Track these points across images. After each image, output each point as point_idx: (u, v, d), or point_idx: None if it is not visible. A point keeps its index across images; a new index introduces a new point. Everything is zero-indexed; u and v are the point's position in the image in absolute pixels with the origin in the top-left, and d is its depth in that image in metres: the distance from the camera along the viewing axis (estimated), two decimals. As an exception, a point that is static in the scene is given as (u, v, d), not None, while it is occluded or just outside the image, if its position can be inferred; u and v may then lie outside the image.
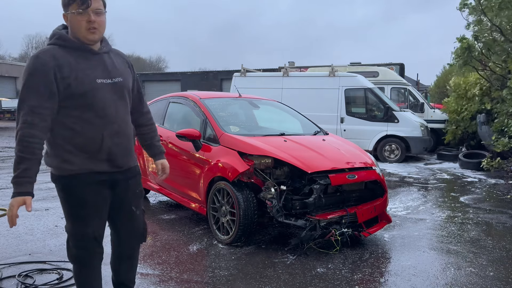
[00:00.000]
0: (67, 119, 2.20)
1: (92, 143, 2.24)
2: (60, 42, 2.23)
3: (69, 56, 2.19)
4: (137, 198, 2.51)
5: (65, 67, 2.15)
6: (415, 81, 25.80)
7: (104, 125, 2.25)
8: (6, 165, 9.56)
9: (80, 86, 2.17)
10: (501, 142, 8.40)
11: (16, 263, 3.68)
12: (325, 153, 4.45)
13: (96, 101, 2.22)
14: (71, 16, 2.21)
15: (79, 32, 2.21)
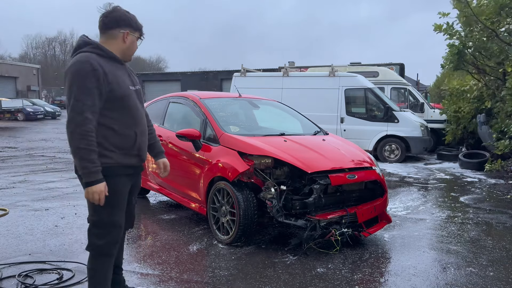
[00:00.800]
0: (107, 120, 2.48)
1: (127, 141, 2.55)
2: (98, 51, 2.51)
3: (108, 64, 2.50)
4: (135, 190, 2.82)
5: (109, 73, 2.46)
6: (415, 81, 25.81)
7: (135, 125, 2.59)
8: (6, 165, 9.56)
9: (120, 91, 2.50)
10: (501, 144, 8.40)
11: (16, 263, 3.68)
12: (325, 153, 4.45)
13: (130, 104, 2.56)
14: (133, 38, 2.63)
15: (131, 51, 2.67)
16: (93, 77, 2.38)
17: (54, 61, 69.57)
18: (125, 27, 2.57)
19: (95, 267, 2.63)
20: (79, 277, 3.40)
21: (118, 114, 2.51)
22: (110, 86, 2.45)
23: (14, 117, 26.94)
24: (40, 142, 14.99)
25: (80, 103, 2.34)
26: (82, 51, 2.50)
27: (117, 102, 2.50)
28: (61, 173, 8.45)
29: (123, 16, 2.57)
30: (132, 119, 2.57)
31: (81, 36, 2.64)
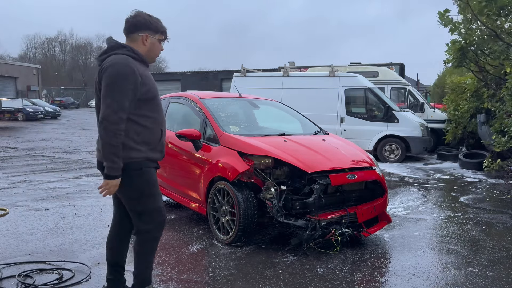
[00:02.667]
0: (141, 118, 2.66)
1: (156, 137, 2.75)
2: (131, 54, 2.66)
3: (140, 66, 2.67)
4: None
5: (143, 76, 2.64)
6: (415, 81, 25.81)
7: (162, 123, 2.80)
8: (6, 165, 9.55)
9: (153, 91, 2.72)
10: (500, 141, 8.40)
11: (16, 263, 3.68)
12: (325, 153, 4.44)
13: (158, 104, 2.78)
14: (154, 40, 2.75)
15: (154, 53, 2.80)
16: (131, 80, 2.56)
17: (54, 61, 69.56)
18: (144, 30, 2.70)
19: (143, 250, 2.83)
20: (79, 277, 3.40)
21: (151, 113, 2.71)
22: (146, 87, 2.64)
23: (14, 117, 26.92)
24: (40, 142, 14.98)
25: (116, 104, 2.52)
26: (118, 53, 2.63)
27: (151, 102, 2.70)
28: (61, 173, 8.45)
29: (142, 20, 2.70)
30: (161, 117, 2.79)
31: (109, 37, 2.77)
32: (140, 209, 2.76)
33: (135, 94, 2.59)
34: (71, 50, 70.80)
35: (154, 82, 2.78)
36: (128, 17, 2.72)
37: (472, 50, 9.91)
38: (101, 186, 2.58)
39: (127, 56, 2.62)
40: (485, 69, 10.61)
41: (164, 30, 2.78)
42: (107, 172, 2.55)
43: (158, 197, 2.81)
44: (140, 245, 2.84)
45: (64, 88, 57.85)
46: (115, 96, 2.52)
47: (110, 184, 2.56)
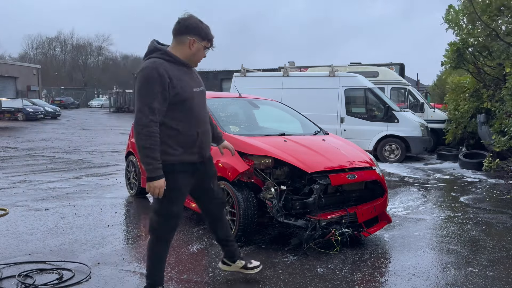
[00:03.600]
0: (172, 121, 2.73)
1: (190, 140, 2.80)
2: (166, 57, 2.75)
3: (174, 69, 2.74)
4: (213, 178, 3.13)
5: (174, 78, 2.69)
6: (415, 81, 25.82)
7: (198, 125, 2.83)
8: (6, 165, 9.55)
9: (184, 94, 2.73)
10: (499, 140, 8.41)
11: (16, 263, 3.68)
12: (325, 153, 4.44)
13: (193, 106, 2.80)
14: (200, 46, 2.81)
15: (197, 58, 2.86)
16: (159, 83, 2.62)
17: (54, 61, 69.54)
18: (193, 35, 2.77)
19: (153, 249, 2.90)
20: (79, 277, 3.40)
21: (182, 115, 2.75)
22: (174, 90, 2.68)
23: (14, 117, 26.92)
24: (40, 142, 14.98)
25: (146, 107, 2.61)
26: (152, 57, 2.74)
27: (181, 104, 2.74)
28: (61, 173, 8.45)
29: (193, 24, 2.77)
30: (195, 120, 2.81)
31: (152, 40, 2.85)
32: (156, 208, 2.84)
33: (165, 97, 2.66)
34: (71, 50, 70.79)
35: (189, 85, 2.78)
36: (180, 19, 2.79)
37: (469, 52, 9.92)
38: (148, 187, 2.67)
39: (158, 59, 2.71)
40: (483, 70, 10.62)
41: (211, 38, 2.84)
42: (147, 174, 2.63)
43: (176, 203, 2.84)
44: (149, 243, 2.92)
45: (64, 88, 57.86)
46: (144, 100, 2.63)
47: (152, 186, 2.64)
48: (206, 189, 3.11)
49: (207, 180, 3.08)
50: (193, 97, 2.80)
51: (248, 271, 3.40)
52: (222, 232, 3.28)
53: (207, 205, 3.19)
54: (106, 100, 49.89)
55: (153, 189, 2.65)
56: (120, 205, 5.96)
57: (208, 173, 3.07)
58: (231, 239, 3.34)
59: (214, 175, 3.17)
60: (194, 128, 2.81)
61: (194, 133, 2.81)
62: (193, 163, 2.85)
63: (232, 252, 3.35)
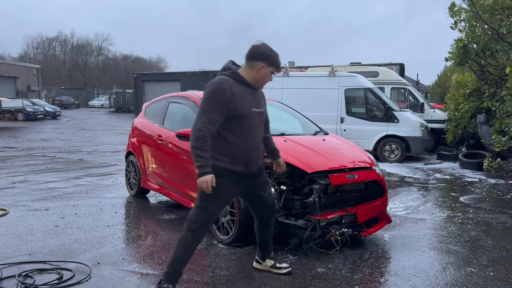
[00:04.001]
0: (226, 133, 3.04)
1: (237, 153, 3.08)
2: (234, 76, 3.09)
3: (239, 87, 3.06)
4: (263, 186, 3.40)
5: (236, 96, 3.00)
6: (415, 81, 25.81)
7: (247, 141, 3.11)
8: (6, 165, 9.56)
9: (241, 111, 3.03)
10: (500, 140, 8.40)
11: (16, 263, 3.68)
12: (325, 153, 4.44)
13: (247, 123, 3.09)
14: (267, 71, 3.11)
15: (263, 81, 3.16)
16: (221, 97, 2.96)
17: (54, 61, 69.54)
18: (261, 61, 3.07)
19: (183, 239, 3.14)
20: (79, 277, 3.40)
21: (236, 129, 3.05)
22: (234, 106, 2.98)
23: (14, 117, 26.93)
24: (40, 142, 14.99)
25: (205, 114, 2.95)
26: (223, 74, 3.10)
27: (237, 120, 3.03)
28: (61, 173, 8.46)
29: (264, 52, 3.08)
30: (246, 136, 3.09)
31: (229, 60, 3.20)
32: (197, 203, 3.11)
33: (223, 109, 2.96)
34: (71, 50, 70.79)
35: (249, 104, 3.07)
36: (253, 45, 3.11)
37: (474, 49, 9.90)
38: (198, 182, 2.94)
39: (226, 77, 3.06)
40: (486, 69, 10.61)
41: (279, 65, 3.14)
42: (197, 171, 2.94)
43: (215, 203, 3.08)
44: (182, 235, 3.17)
45: (64, 88, 57.88)
46: (205, 107, 2.97)
47: (200, 181, 2.93)
48: (257, 197, 3.39)
49: (257, 189, 3.37)
50: (250, 115, 3.08)
51: (277, 270, 3.57)
52: (266, 236, 3.55)
53: (258, 210, 3.46)
54: (106, 100, 49.92)
55: (201, 183, 2.93)
56: (120, 205, 5.96)
57: (258, 183, 3.35)
58: (271, 243, 3.60)
59: (265, 184, 3.43)
60: (244, 143, 3.08)
61: (242, 148, 3.09)
62: (237, 172, 3.11)
63: (264, 251, 3.60)
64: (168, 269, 3.11)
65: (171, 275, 3.09)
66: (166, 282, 3.07)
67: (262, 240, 3.56)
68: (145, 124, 6.21)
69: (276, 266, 3.59)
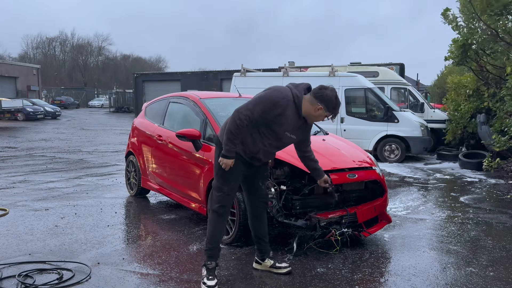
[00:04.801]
0: (254, 130, 3.30)
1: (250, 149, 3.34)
2: (295, 99, 3.27)
3: (292, 111, 3.26)
4: (263, 178, 3.62)
5: (283, 116, 3.23)
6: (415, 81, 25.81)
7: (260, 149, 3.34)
8: (6, 165, 9.56)
9: (274, 127, 3.27)
10: (499, 140, 8.40)
11: (16, 263, 3.68)
12: (325, 153, 4.44)
13: (274, 138, 3.33)
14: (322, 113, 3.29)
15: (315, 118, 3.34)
16: (272, 105, 3.19)
17: (54, 61, 69.52)
18: (322, 104, 3.25)
19: (210, 221, 3.45)
20: (79, 277, 3.40)
21: (263, 134, 3.30)
22: (273, 120, 3.22)
23: (14, 117, 26.92)
24: (40, 142, 14.99)
25: (250, 111, 3.19)
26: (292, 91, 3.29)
27: (269, 130, 3.28)
28: (61, 173, 8.46)
29: (327, 97, 3.26)
30: (265, 146, 3.34)
31: (307, 83, 3.42)
32: (215, 184, 3.41)
33: (267, 116, 3.20)
34: (71, 50, 70.79)
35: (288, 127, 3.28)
36: (322, 86, 3.33)
37: (473, 49, 9.90)
38: (220, 160, 3.25)
39: (291, 95, 3.26)
40: (486, 69, 10.60)
41: (335, 113, 3.33)
42: (224, 152, 3.22)
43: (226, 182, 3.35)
44: (209, 218, 3.47)
45: (64, 88, 57.88)
46: (255, 102, 3.21)
47: (223, 161, 3.24)
48: (255, 187, 3.56)
49: (257, 178, 3.56)
50: (280, 134, 3.30)
51: (277, 270, 3.58)
52: (259, 230, 3.64)
53: (253, 200, 3.60)
54: (106, 100, 49.92)
55: (222, 163, 3.24)
56: (120, 205, 5.96)
57: (261, 173, 3.57)
58: (266, 239, 3.66)
59: (265, 177, 3.65)
60: (256, 148, 3.32)
61: (255, 151, 3.34)
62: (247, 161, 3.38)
63: (262, 251, 3.64)
64: (207, 247, 3.39)
65: (210, 251, 3.36)
66: (208, 259, 3.34)
67: (257, 235, 3.64)
68: (145, 124, 6.21)
69: (276, 266, 3.60)
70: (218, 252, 3.40)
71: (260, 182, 3.58)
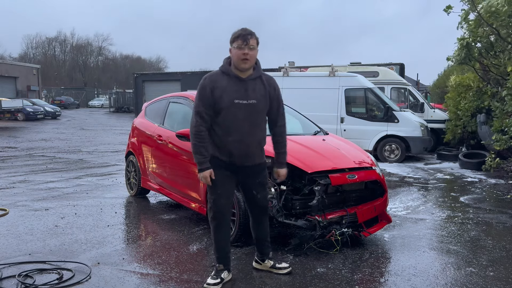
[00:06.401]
0: (215, 125, 3.16)
1: (222, 143, 3.17)
2: (222, 69, 3.18)
3: (225, 80, 3.13)
4: (257, 186, 3.36)
5: (217, 89, 3.09)
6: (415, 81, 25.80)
7: (229, 134, 3.14)
8: (6, 165, 9.56)
9: (221, 104, 3.09)
10: (500, 138, 8.40)
11: (16, 263, 3.68)
12: (325, 153, 4.44)
13: (227, 116, 3.12)
14: (233, 50, 3.10)
15: (236, 61, 3.10)
16: (204, 92, 3.11)
17: (54, 61, 69.52)
18: (230, 44, 3.16)
19: (211, 228, 3.37)
20: (79, 277, 3.40)
21: (219, 121, 3.13)
22: (214, 99, 3.09)
23: (14, 117, 26.93)
24: (40, 142, 14.99)
25: (195, 110, 3.12)
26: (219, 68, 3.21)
27: (220, 112, 3.11)
28: (61, 173, 8.46)
29: (231, 36, 3.14)
30: (227, 128, 3.14)
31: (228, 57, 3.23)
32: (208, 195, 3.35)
33: (209, 103, 3.10)
34: (71, 50, 70.78)
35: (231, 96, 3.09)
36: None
37: (477, 48, 9.89)
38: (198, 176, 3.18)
39: (216, 71, 3.19)
40: (488, 69, 10.60)
41: (237, 36, 3.07)
42: (197, 167, 3.16)
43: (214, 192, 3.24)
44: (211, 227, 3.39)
45: (64, 88, 57.88)
46: (195, 103, 3.16)
47: (199, 176, 3.18)
48: (249, 196, 3.41)
49: (251, 187, 3.36)
50: (230, 107, 3.09)
51: (277, 270, 3.56)
52: (259, 233, 3.57)
53: (250, 207, 3.50)
54: (106, 100, 49.92)
55: (201, 178, 3.17)
56: (120, 205, 5.96)
57: (253, 181, 3.34)
58: (267, 241, 3.58)
59: (260, 185, 3.38)
60: (226, 135, 3.14)
61: (225, 139, 3.15)
62: (226, 163, 3.20)
63: (262, 252, 3.60)
64: (215, 254, 3.39)
65: (218, 259, 3.36)
66: (216, 261, 3.37)
67: (257, 237, 3.59)
68: (145, 124, 6.21)
69: (276, 266, 3.58)
70: (227, 261, 3.39)
71: (254, 191, 3.37)
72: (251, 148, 3.22)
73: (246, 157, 3.23)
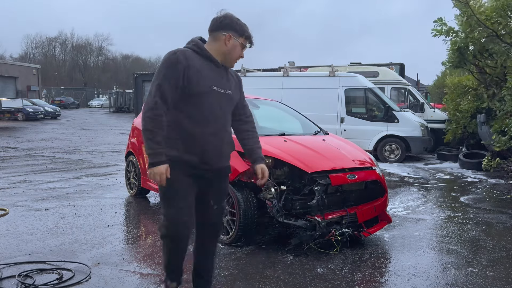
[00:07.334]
0: (180, 114, 2.54)
1: (192, 138, 2.56)
2: (195, 48, 2.61)
3: (199, 61, 2.56)
4: (217, 196, 2.78)
5: (192, 69, 2.51)
6: (415, 81, 25.79)
7: (205, 125, 2.58)
8: (6, 165, 9.55)
9: (196, 88, 2.53)
10: (500, 140, 8.41)
11: (16, 263, 3.67)
12: (325, 153, 4.44)
13: (204, 103, 2.57)
14: (236, 43, 2.63)
15: (233, 56, 2.66)
16: (174, 68, 2.47)
17: (54, 61, 69.52)
18: (228, 30, 2.61)
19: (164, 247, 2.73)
20: (79, 277, 3.40)
21: (190, 110, 2.56)
22: (187, 80, 2.50)
23: (14, 117, 26.92)
24: (40, 142, 14.99)
25: (155, 88, 2.47)
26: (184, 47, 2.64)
27: (192, 98, 2.54)
28: (61, 173, 8.45)
29: (229, 20, 2.63)
30: (203, 118, 2.57)
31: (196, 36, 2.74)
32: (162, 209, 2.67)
33: (177, 83, 2.48)
34: (71, 50, 70.79)
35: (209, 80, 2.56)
36: (215, 16, 2.66)
37: (470, 51, 9.92)
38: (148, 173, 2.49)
39: (187, 49, 2.59)
40: (484, 70, 10.62)
41: (249, 36, 2.67)
42: (149, 160, 2.46)
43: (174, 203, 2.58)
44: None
45: (64, 88, 57.89)
46: (156, 81, 2.50)
47: (152, 172, 2.45)
48: (204, 207, 2.74)
49: (208, 196, 2.74)
50: (207, 93, 2.56)
51: None
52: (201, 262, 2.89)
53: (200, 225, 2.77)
54: (106, 100, 49.93)
55: (153, 175, 2.45)
56: (120, 205, 5.96)
57: (214, 188, 2.75)
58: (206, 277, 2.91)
59: (221, 194, 2.81)
60: (200, 127, 2.55)
61: (198, 132, 2.55)
62: (193, 166, 2.58)
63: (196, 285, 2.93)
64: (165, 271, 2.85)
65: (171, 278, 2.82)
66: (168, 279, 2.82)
67: (196, 268, 2.89)
68: (145, 124, 6.20)
69: None
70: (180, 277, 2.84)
71: (212, 201, 2.74)
72: (225, 145, 2.73)
73: (220, 156, 2.70)
